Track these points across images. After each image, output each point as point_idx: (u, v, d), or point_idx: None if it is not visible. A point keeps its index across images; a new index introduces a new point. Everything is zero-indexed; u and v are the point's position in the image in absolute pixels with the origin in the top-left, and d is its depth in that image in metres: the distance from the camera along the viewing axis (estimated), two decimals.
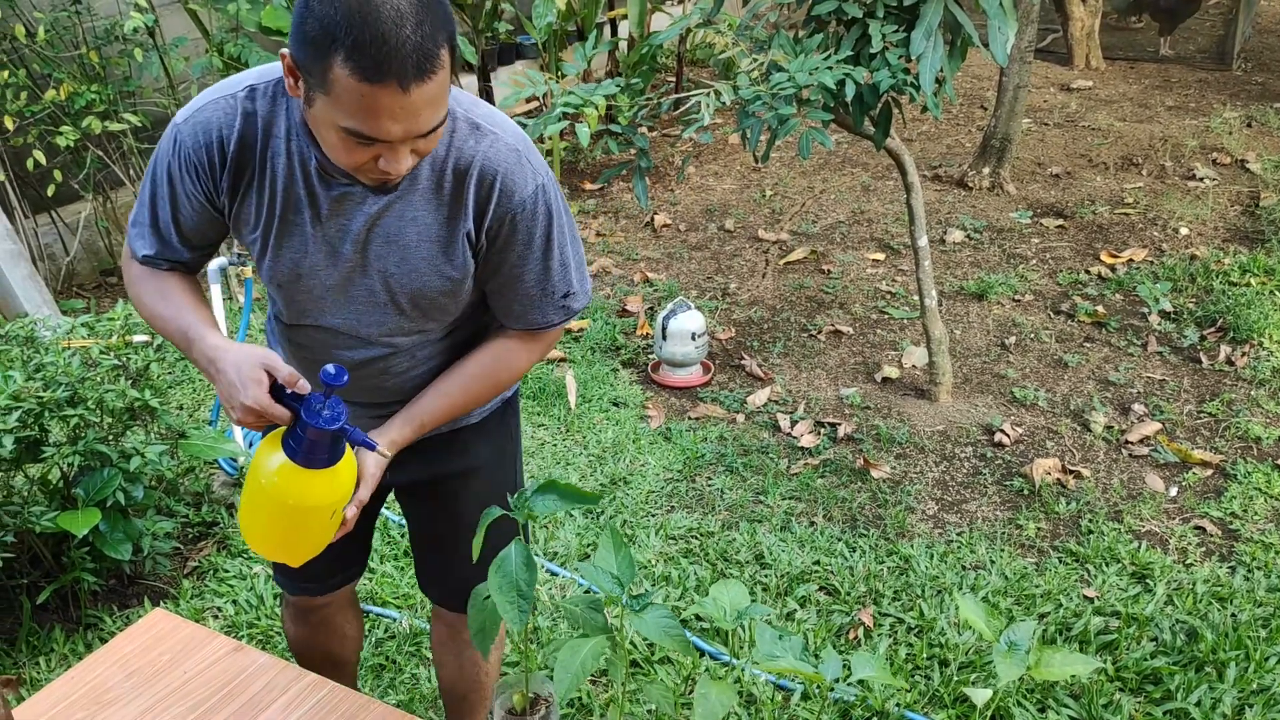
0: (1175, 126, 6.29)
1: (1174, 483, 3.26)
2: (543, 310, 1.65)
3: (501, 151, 1.52)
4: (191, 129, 1.51)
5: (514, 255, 1.58)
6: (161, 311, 1.61)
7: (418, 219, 1.53)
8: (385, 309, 1.62)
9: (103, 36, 4.43)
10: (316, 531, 1.53)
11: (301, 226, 1.54)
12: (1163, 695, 2.45)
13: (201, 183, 1.53)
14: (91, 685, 1.87)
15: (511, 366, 1.71)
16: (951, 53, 2.98)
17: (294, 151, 1.50)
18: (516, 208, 1.54)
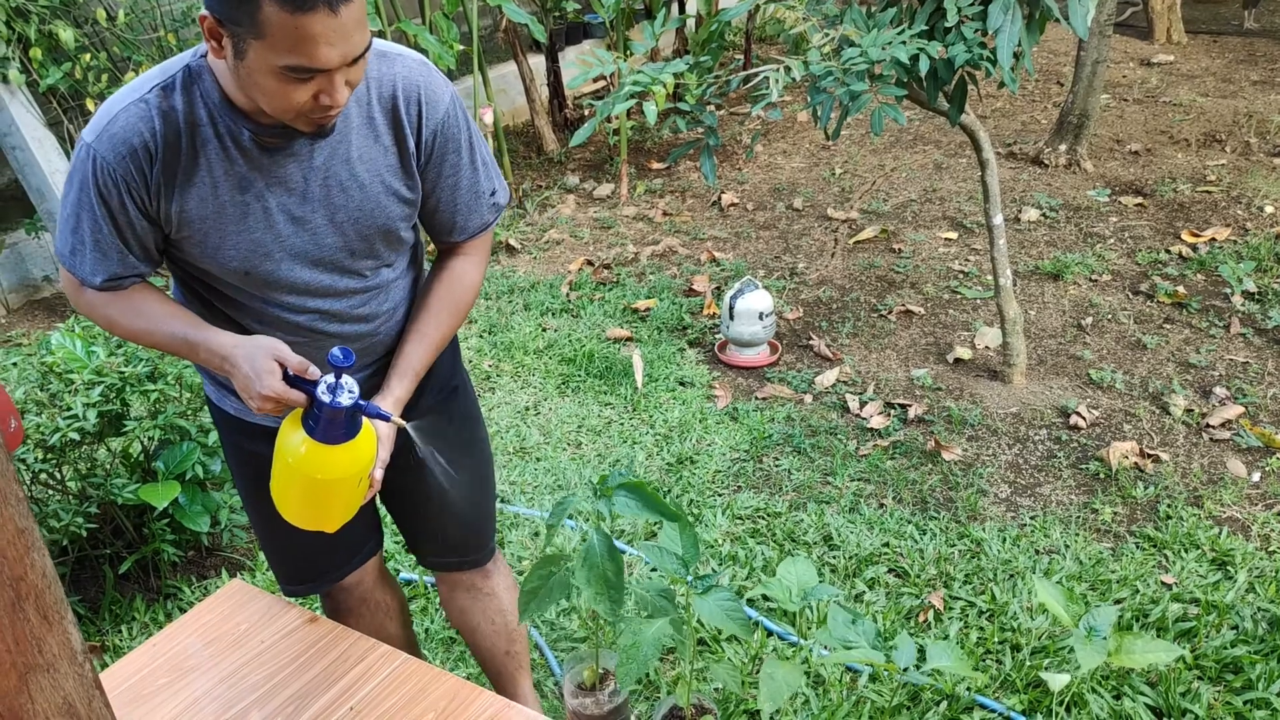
0: (1260, 102, 6.09)
1: (1256, 468, 3.17)
2: (479, 212, 1.72)
3: (414, 68, 1.59)
4: (110, 144, 1.46)
5: (447, 164, 1.65)
6: (144, 328, 1.60)
7: (364, 155, 1.57)
8: (354, 255, 1.64)
9: (179, 19, 4.51)
10: (346, 500, 1.58)
11: (255, 202, 1.54)
12: (1243, 685, 2.39)
13: (134, 195, 1.50)
14: (173, 653, 1.92)
15: (469, 285, 1.75)
16: (1030, 26, 2.90)
17: (224, 133, 1.49)
18: (444, 117, 1.61)
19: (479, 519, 2.01)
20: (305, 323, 1.66)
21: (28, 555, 0.90)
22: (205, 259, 1.57)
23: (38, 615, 0.92)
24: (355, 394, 1.44)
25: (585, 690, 1.69)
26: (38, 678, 0.93)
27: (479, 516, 2.00)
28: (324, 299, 1.66)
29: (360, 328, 1.71)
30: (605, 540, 1.53)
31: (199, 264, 1.59)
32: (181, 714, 1.79)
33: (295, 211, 1.56)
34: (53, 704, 0.95)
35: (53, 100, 4.34)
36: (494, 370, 3.92)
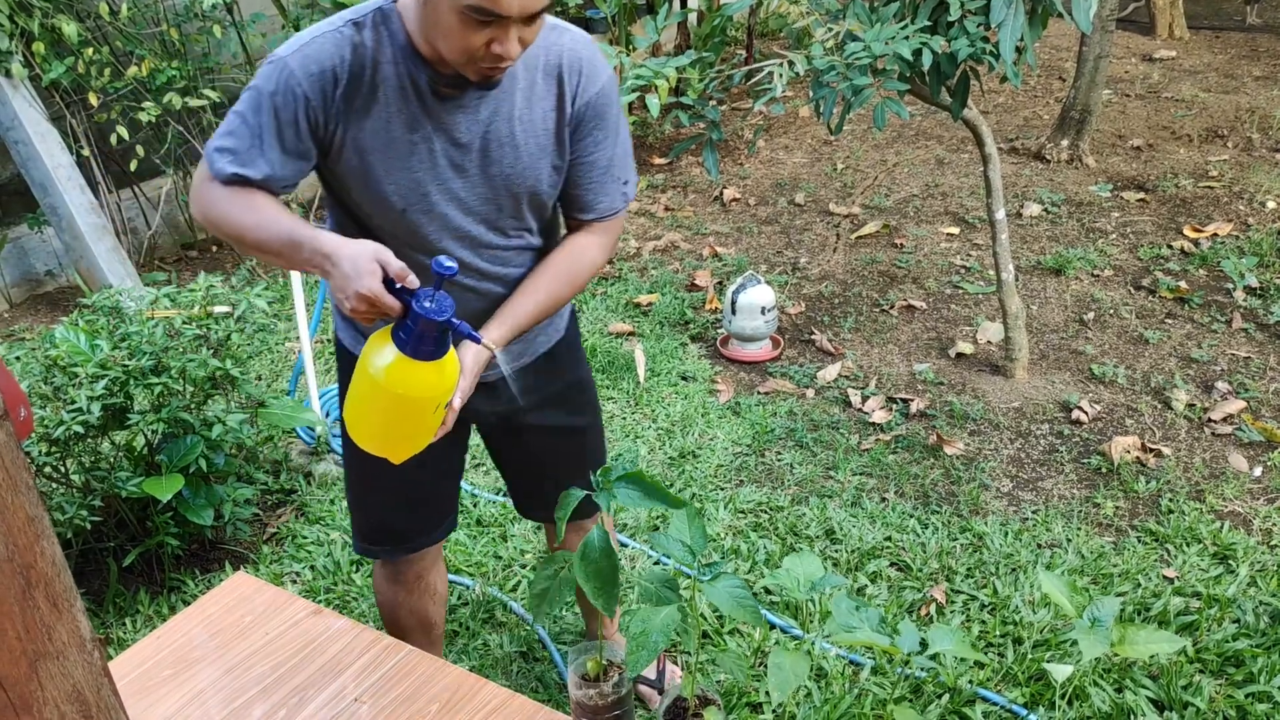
0: (1263, 97, 6.08)
1: (1258, 462, 3.17)
2: (610, 196, 1.77)
3: (581, 42, 1.67)
4: (301, 61, 1.55)
5: (592, 139, 1.71)
6: (255, 222, 1.59)
7: (523, 118, 1.64)
8: (497, 216, 1.71)
9: (182, 14, 4.51)
10: (420, 426, 1.58)
11: (419, 144, 1.62)
12: (1245, 678, 2.40)
13: (310, 114, 1.57)
14: (177, 645, 1.93)
15: (590, 261, 1.79)
16: (1032, 20, 2.90)
17: (403, 74, 1.58)
18: (598, 92, 1.68)
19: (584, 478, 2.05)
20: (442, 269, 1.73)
21: (38, 543, 0.91)
22: (368, 191, 1.64)
23: (47, 603, 0.92)
24: (451, 310, 1.44)
25: (589, 681, 1.70)
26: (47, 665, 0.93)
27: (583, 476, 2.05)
28: (468, 251, 1.72)
29: (491, 286, 1.77)
30: (603, 536, 1.54)
31: (359, 197, 1.66)
32: (186, 705, 1.80)
33: (456, 159, 1.64)
34: (62, 691, 0.95)
35: (55, 95, 4.35)
36: None
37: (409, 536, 2.05)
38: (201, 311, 2.81)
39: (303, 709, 1.78)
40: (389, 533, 2.04)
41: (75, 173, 4.29)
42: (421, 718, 1.75)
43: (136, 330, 2.71)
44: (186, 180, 4.91)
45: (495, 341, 1.70)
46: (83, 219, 4.25)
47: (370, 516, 2.04)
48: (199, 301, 2.84)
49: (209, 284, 2.89)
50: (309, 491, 3.22)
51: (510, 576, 2.83)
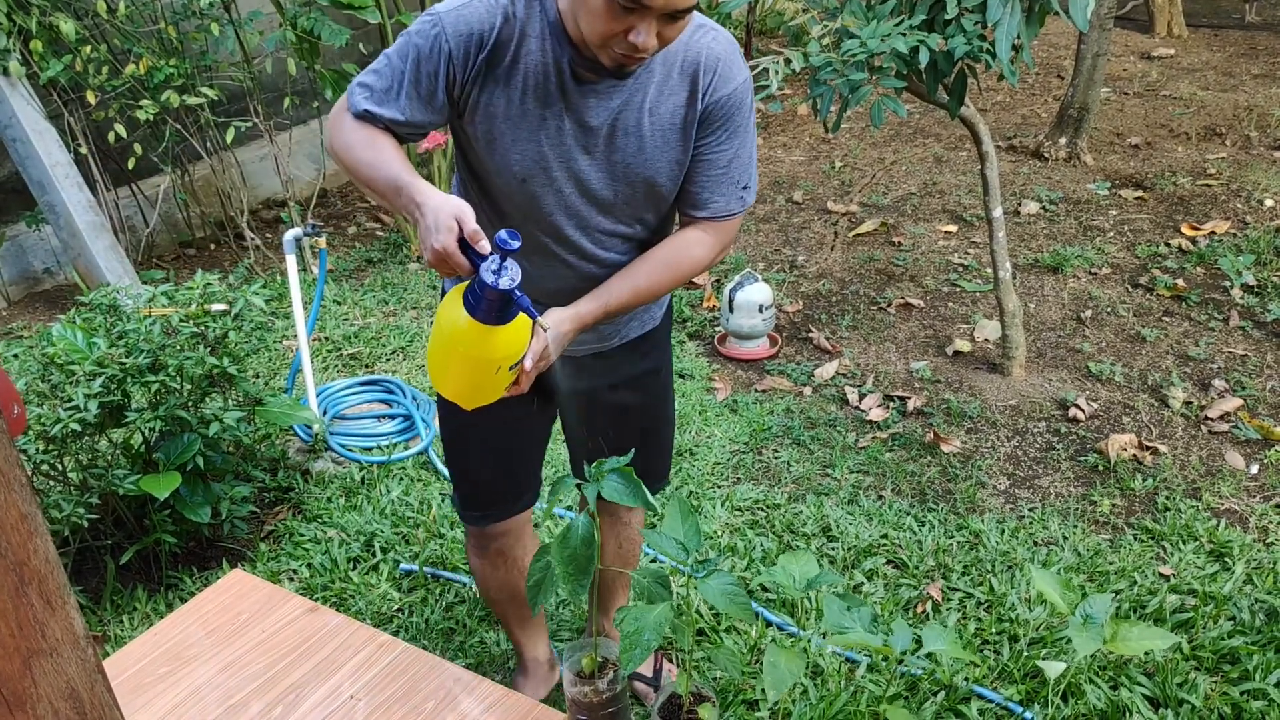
0: (1261, 95, 6.08)
1: (1255, 460, 3.18)
2: (725, 197, 1.77)
3: (723, 43, 1.69)
4: (455, 19, 1.60)
5: (715, 138, 1.72)
6: (371, 159, 1.66)
7: (655, 109, 1.67)
8: (613, 201, 1.74)
9: (180, 12, 4.51)
10: (486, 382, 1.62)
11: (549, 120, 1.66)
12: (1240, 675, 2.40)
13: (450, 70, 1.63)
14: (174, 642, 1.93)
15: (693, 257, 1.79)
16: (1029, 18, 2.91)
17: (548, 50, 1.62)
18: (731, 92, 1.69)
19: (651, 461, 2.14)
20: (550, 245, 1.77)
21: (31, 540, 0.91)
22: (493, 156, 1.69)
23: (41, 600, 0.92)
24: (515, 281, 1.46)
25: (584, 679, 1.70)
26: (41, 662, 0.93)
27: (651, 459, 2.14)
28: (577, 230, 1.76)
29: (590, 267, 1.80)
30: (587, 525, 1.54)
31: (485, 160, 1.70)
32: (182, 703, 1.80)
33: (582, 141, 1.68)
34: (56, 688, 0.95)
35: (53, 93, 4.34)
36: None
37: (494, 502, 2.08)
38: (199, 309, 2.82)
39: (299, 706, 1.78)
40: (478, 497, 2.08)
41: (73, 171, 4.29)
42: (417, 715, 1.76)
43: (134, 328, 2.71)
44: (184, 178, 4.91)
45: (581, 314, 1.71)
46: (80, 217, 4.25)
47: (463, 480, 2.08)
48: (196, 299, 2.84)
49: (206, 281, 2.89)
50: (306, 489, 3.23)
51: None
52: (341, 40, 4.30)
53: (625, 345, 1.98)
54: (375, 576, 2.84)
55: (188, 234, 5.12)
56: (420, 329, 4.18)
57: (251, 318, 2.86)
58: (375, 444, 3.43)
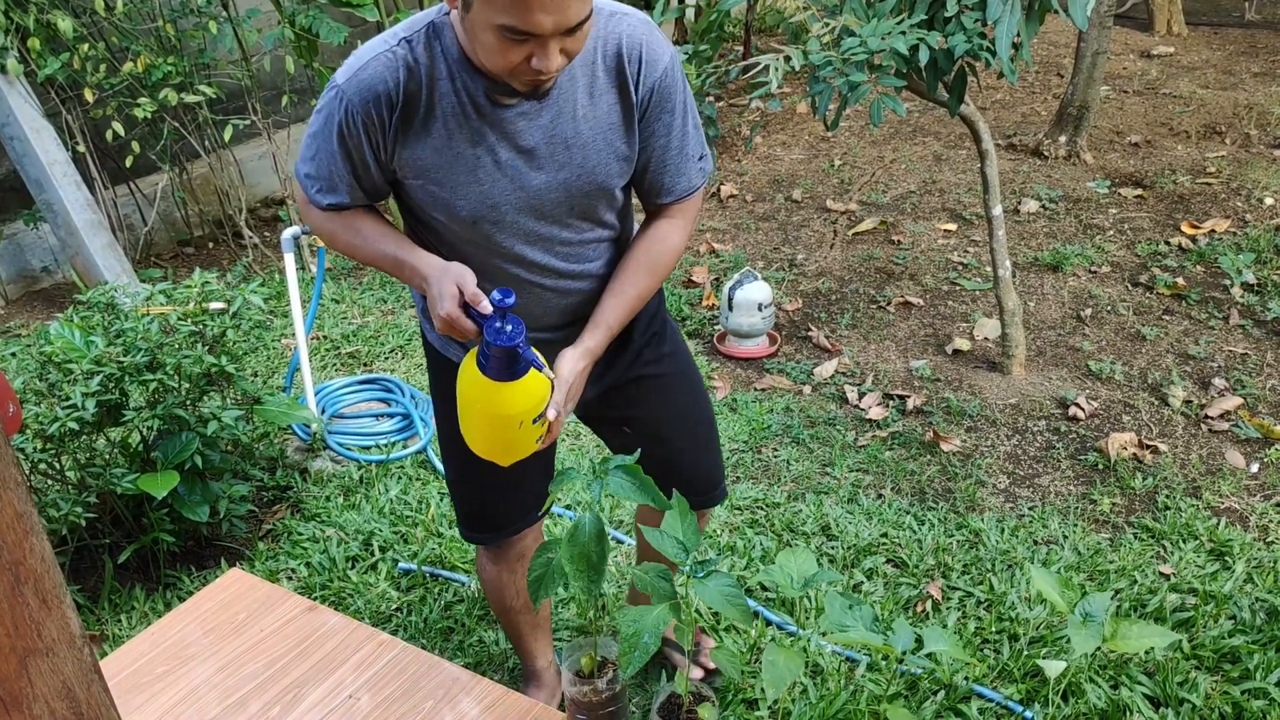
0: (1261, 94, 6.08)
1: (1255, 459, 3.17)
2: (686, 174, 1.75)
3: (638, 26, 1.64)
4: (357, 88, 1.57)
5: (661, 123, 1.69)
6: (360, 245, 1.71)
7: (588, 114, 1.63)
8: (571, 214, 1.71)
9: (178, 9, 4.50)
10: (515, 437, 1.64)
11: (486, 155, 1.62)
12: (1241, 674, 2.40)
13: (372, 138, 1.60)
14: (172, 641, 1.92)
15: (670, 248, 1.79)
16: (1029, 16, 2.90)
17: (460, 89, 1.58)
18: (661, 74, 1.65)
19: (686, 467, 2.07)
20: (522, 275, 1.75)
21: (27, 539, 0.90)
22: (437, 207, 1.67)
23: (37, 599, 0.92)
24: (518, 337, 1.49)
25: (584, 678, 1.69)
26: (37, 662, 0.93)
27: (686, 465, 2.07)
28: (542, 253, 1.73)
29: (571, 284, 1.79)
30: (596, 522, 1.54)
31: (430, 212, 1.68)
32: (180, 702, 1.79)
33: (523, 166, 1.64)
34: (52, 688, 0.95)
35: (51, 91, 4.34)
36: None
37: (508, 521, 2.06)
38: (197, 308, 2.81)
39: (297, 705, 1.78)
40: (487, 519, 2.05)
41: (71, 169, 4.28)
42: (417, 714, 1.75)
43: (132, 327, 2.71)
44: (182, 177, 4.90)
45: (590, 349, 1.71)
46: (78, 215, 4.24)
47: (469, 503, 2.06)
48: (194, 298, 2.84)
49: (204, 280, 2.89)
50: (304, 488, 3.22)
51: None
52: (340, 38, 4.29)
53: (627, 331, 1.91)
54: (374, 575, 2.84)
55: (186, 232, 5.12)
56: (419, 328, 4.17)
57: (250, 316, 2.86)
58: (374, 443, 3.42)
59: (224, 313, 2.83)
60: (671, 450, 2.02)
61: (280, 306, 4.28)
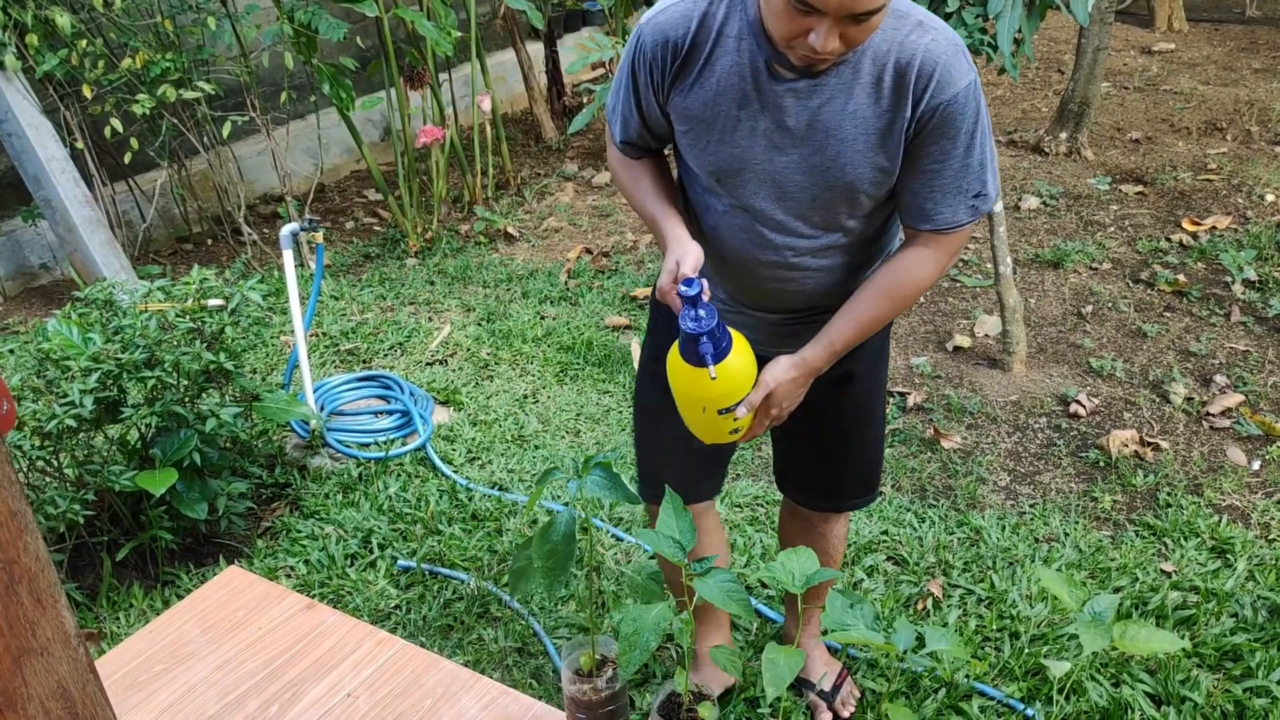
0: (1262, 90, 6.07)
1: (1257, 456, 3.17)
2: (953, 207, 1.67)
3: (942, 45, 1.57)
4: (652, 30, 1.64)
5: (938, 147, 1.62)
6: (634, 194, 1.82)
7: (857, 112, 1.59)
8: (811, 205, 1.69)
9: (176, 5, 4.48)
10: (702, 421, 1.72)
11: (745, 121, 1.63)
12: (1243, 672, 2.39)
13: (655, 78, 1.67)
14: (170, 639, 1.92)
15: (916, 279, 1.73)
16: (1030, 12, 2.89)
17: (744, 50, 1.60)
18: (950, 99, 1.58)
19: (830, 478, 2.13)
20: (743, 243, 1.76)
21: (21, 538, 0.89)
22: (690, 156, 1.72)
23: (31, 598, 0.91)
24: (700, 324, 1.54)
25: (583, 676, 1.69)
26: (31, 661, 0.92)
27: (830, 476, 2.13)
28: (770, 230, 1.72)
29: (787, 273, 1.77)
30: (571, 522, 1.53)
31: (688, 161, 1.74)
32: (179, 700, 1.79)
33: (778, 141, 1.63)
34: (47, 688, 0.94)
35: (49, 87, 4.32)
36: (492, 358, 3.92)
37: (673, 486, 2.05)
38: (195, 305, 2.80)
39: (296, 703, 1.77)
40: (657, 479, 2.08)
41: (69, 166, 4.27)
42: (416, 712, 1.75)
43: (130, 323, 2.70)
44: (181, 173, 4.89)
45: (808, 362, 1.73)
46: (77, 212, 4.23)
47: (647, 457, 2.13)
48: (193, 294, 2.83)
49: (203, 277, 2.88)
50: (303, 485, 3.21)
51: (505, 571, 2.82)
52: (339, 34, 4.27)
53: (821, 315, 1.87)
54: (373, 573, 2.83)
55: (184, 229, 5.10)
56: (417, 324, 4.17)
57: (248, 313, 2.85)
58: (373, 440, 3.41)
59: (223, 309, 2.82)
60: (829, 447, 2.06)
61: (279, 303, 4.27)
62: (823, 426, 2.02)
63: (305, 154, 5.57)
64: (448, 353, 3.98)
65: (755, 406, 1.69)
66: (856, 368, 1.95)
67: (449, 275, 4.61)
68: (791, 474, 2.18)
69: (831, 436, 2.05)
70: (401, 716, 1.73)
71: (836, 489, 2.15)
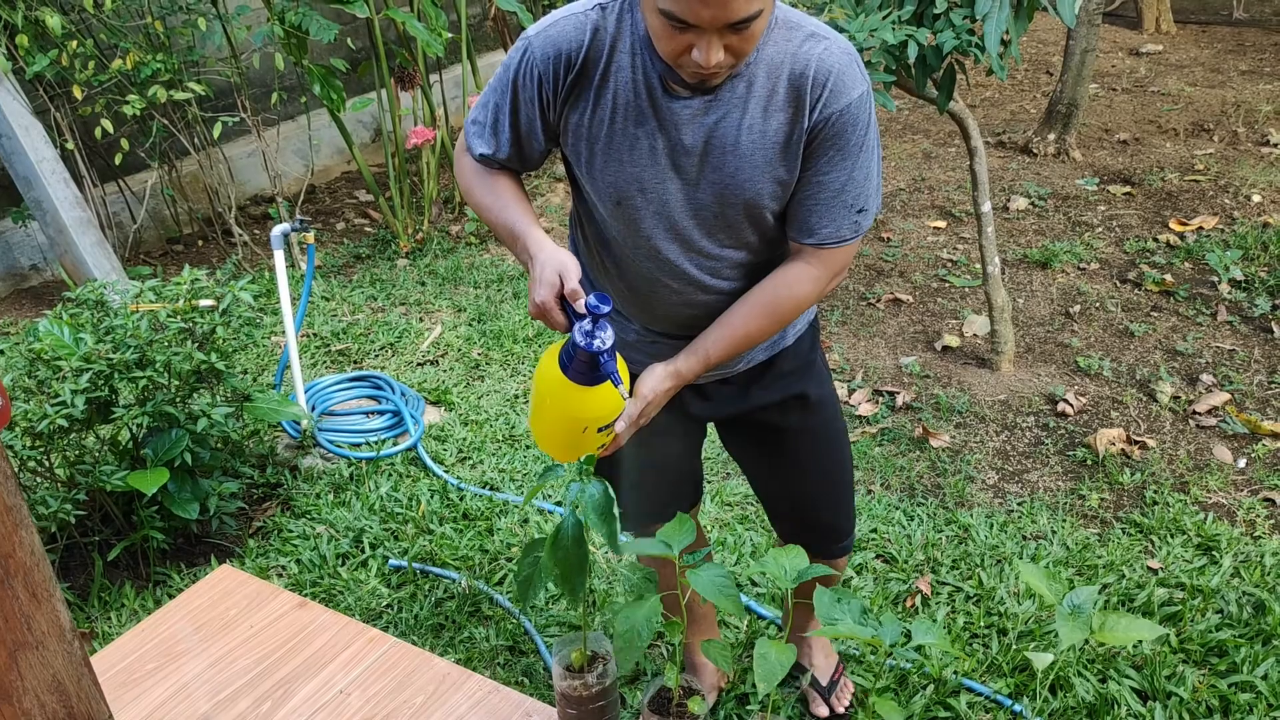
0: (1249, 91, 6.11)
1: (1242, 454, 3.19)
2: (835, 222, 1.64)
3: (835, 54, 1.55)
4: (542, 43, 1.58)
5: (826, 157, 1.59)
6: (490, 205, 1.71)
7: (753, 126, 1.56)
8: (715, 224, 1.65)
9: (167, 6, 4.48)
10: (576, 440, 1.63)
11: (642, 139, 1.59)
12: (1228, 668, 2.41)
13: (543, 93, 1.60)
14: (162, 637, 1.92)
15: (795, 295, 1.68)
16: (1018, 14, 2.91)
17: (638, 66, 1.56)
18: (842, 108, 1.55)
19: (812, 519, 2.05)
20: (653, 270, 1.71)
21: (16, 533, 0.90)
22: (589, 179, 1.66)
23: (26, 592, 0.92)
24: (605, 345, 1.47)
25: (573, 672, 1.70)
26: (27, 655, 0.93)
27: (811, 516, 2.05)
28: (678, 253, 1.68)
29: (699, 295, 1.73)
30: (576, 526, 1.54)
31: (583, 183, 1.69)
32: (171, 698, 1.79)
33: (677, 160, 1.60)
34: (42, 681, 0.95)
35: (39, 88, 4.32)
36: (483, 359, 3.93)
37: (652, 515, 2.06)
38: (186, 305, 2.80)
39: (288, 700, 1.78)
40: (633, 512, 2.06)
41: (60, 166, 4.27)
42: (407, 709, 1.76)
43: (121, 324, 2.70)
44: (171, 174, 4.89)
45: (680, 373, 1.68)
46: (67, 213, 4.23)
47: (620, 499, 2.04)
48: (184, 295, 2.83)
49: (194, 277, 2.88)
50: (295, 485, 3.22)
51: (496, 570, 2.83)
52: (330, 35, 4.28)
53: (751, 370, 1.88)
54: (364, 572, 2.84)
55: (175, 230, 5.10)
56: (408, 325, 4.17)
57: (239, 313, 2.85)
58: (364, 440, 3.42)
59: (214, 310, 2.83)
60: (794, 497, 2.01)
61: (270, 304, 4.27)
62: (782, 461, 1.97)
63: (296, 155, 5.57)
64: (439, 353, 3.99)
65: (634, 419, 1.65)
66: (809, 389, 1.91)
67: (440, 276, 4.62)
68: (782, 521, 2.13)
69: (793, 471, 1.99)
70: (393, 714, 1.74)
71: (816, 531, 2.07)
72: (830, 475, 2.02)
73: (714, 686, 2.38)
